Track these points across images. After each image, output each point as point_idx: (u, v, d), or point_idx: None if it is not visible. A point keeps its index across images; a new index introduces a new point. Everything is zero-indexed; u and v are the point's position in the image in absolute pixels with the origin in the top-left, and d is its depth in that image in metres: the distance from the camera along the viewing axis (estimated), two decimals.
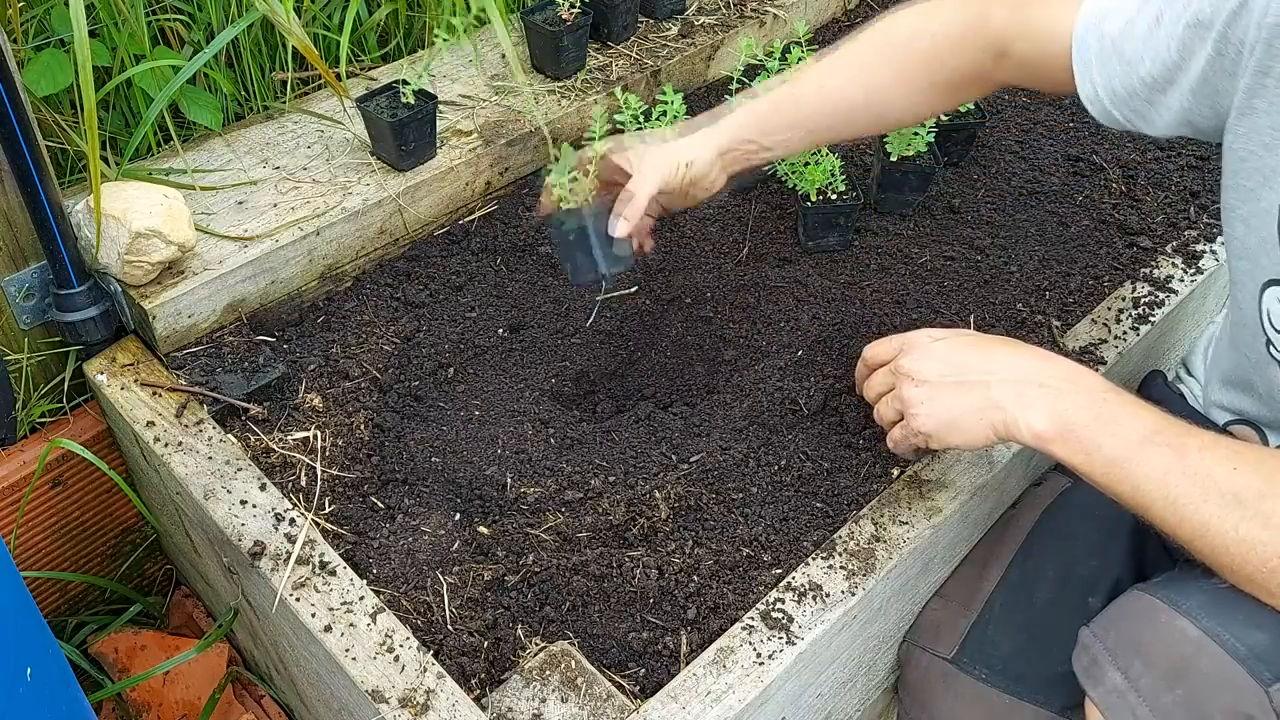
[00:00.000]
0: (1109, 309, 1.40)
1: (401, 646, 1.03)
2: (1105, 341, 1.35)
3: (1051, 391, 1.02)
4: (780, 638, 1.05)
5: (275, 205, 1.44)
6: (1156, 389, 1.36)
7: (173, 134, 1.49)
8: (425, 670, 1.01)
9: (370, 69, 1.72)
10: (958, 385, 1.05)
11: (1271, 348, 1.08)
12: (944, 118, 1.58)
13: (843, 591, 1.09)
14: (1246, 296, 1.08)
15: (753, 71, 1.62)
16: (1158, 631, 0.97)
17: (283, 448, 1.25)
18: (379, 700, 0.99)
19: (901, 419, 1.11)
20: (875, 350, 1.17)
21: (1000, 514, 1.31)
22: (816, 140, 1.35)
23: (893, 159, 1.52)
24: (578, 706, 1.00)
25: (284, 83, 1.65)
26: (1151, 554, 1.22)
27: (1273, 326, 1.06)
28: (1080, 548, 1.22)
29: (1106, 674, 1.00)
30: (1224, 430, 1.25)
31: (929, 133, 1.52)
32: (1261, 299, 1.06)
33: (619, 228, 1.27)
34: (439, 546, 1.17)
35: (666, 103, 1.54)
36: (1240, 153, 1.02)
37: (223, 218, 1.42)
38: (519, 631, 1.09)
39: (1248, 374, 1.15)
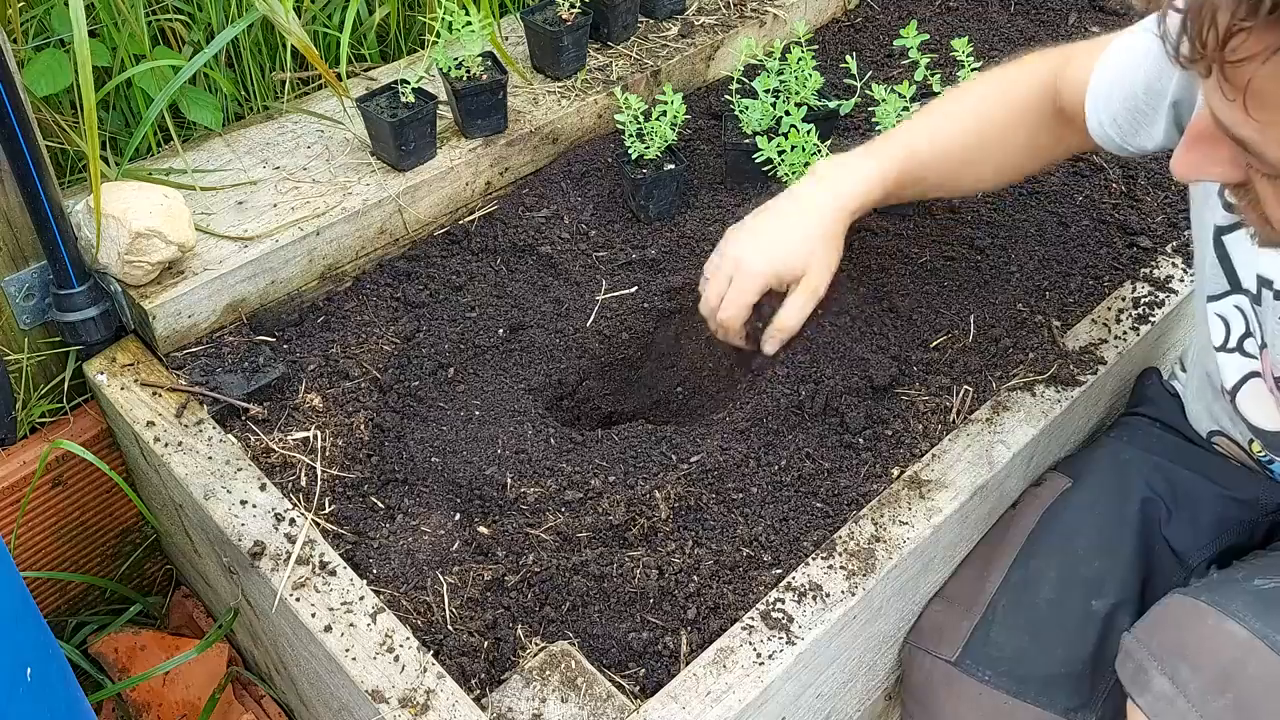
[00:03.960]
0: (1109, 309, 1.40)
1: (401, 646, 1.03)
2: (1105, 341, 1.35)
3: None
4: (780, 638, 1.05)
5: (275, 205, 1.44)
6: (1152, 387, 1.37)
7: (173, 134, 1.49)
8: (425, 670, 1.01)
9: (370, 69, 1.72)
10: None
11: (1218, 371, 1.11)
12: None
13: (843, 591, 1.09)
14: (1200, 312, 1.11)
15: (753, 71, 1.62)
16: (1204, 635, 0.97)
17: (283, 448, 1.25)
18: (379, 700, 0.99)
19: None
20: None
21: (1000, 514, 1.31)
22: (926, 194, 1.36)
23: None
24: (578, 706, 1.00)
25: (284, 83, 1.65)
26: (1159, 557, 1.22)
27: (1214, 342, 1.10)
28: (1082, 548, 1.22)
29: (1153, 680, 0.99)
30: (1208, 440, 1.26)
31: None
32: (1208, 313, 1.09)
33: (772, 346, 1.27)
34: (439, 546, 1.17)
35: (666, 103, 1.54)
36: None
37: (223, 218, 1.42)
38: (519, 631, 1.09)
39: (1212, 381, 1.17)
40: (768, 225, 1.24)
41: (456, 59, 1.54)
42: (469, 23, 1.49)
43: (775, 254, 1.21)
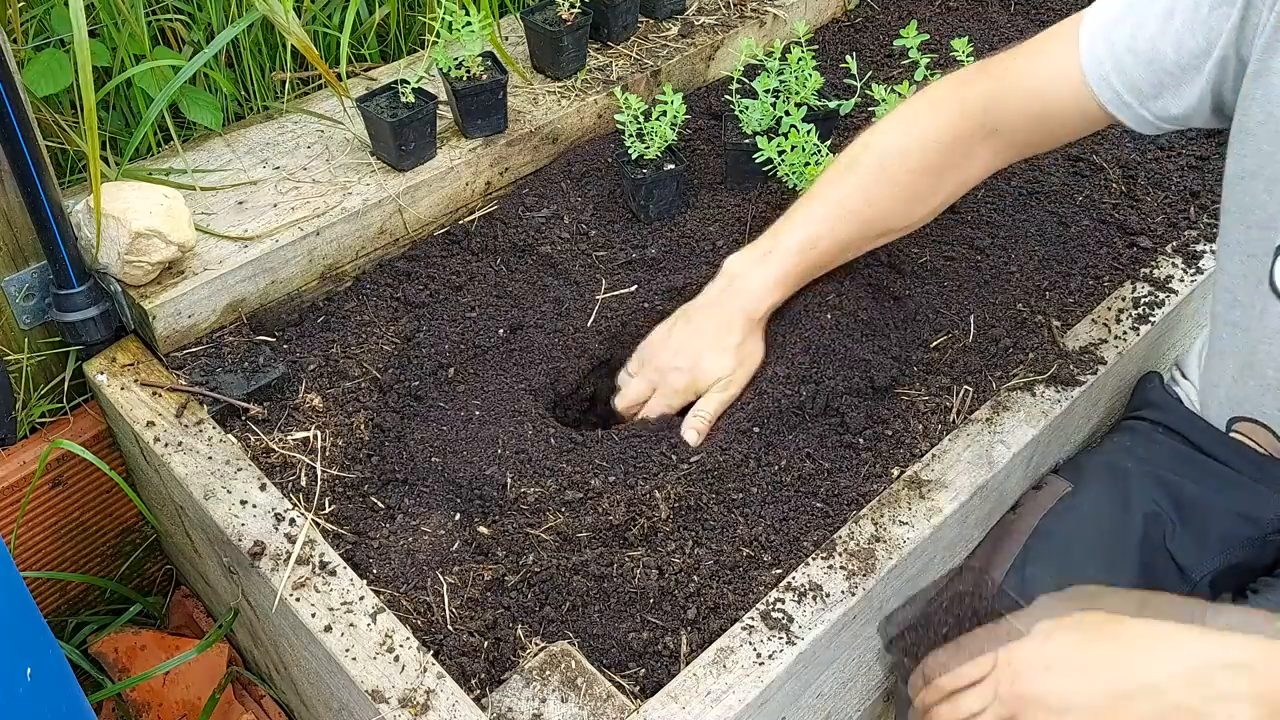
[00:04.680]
0: (1109, 309, 1.40)
1: (401, 646, 1.03)
2: (1105, 341, 1.35)
3: (1242, 669, 0.81)
4: (780, 638, 1.05)
5: (275, 205, 1.44)
6: (1153, 391, 1.36)
7: (173, 134, 1.49)
8: (425, 670, 1.02)
9: (370, 69, 1.72)
10: (1119, 697, 0.82)
11: None
12: None
13: (843, 591, 1.09)
14: (1252, 268, 1.07)
15: (753, 71, 1.62)
16: None
17: (283, 448, 1.25)
18: (379, 700, 0.99)
19: None
20: (956, 672, 0.92)
21: (1000, 514, 1.31)
22: (838, 263, 1.37)
23: None
24: (578, 706, 1.00)
25: (284, 83, 1.65)
26: (1161, 572, 1.22)
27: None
28: (1081, 555, 1.21)
29: None
30: (1229, 430, 1.24)
31: None
32: (1274, 267, 1.05)
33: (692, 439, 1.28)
34: (439, 546, 1.17)
35: (666, 103, 1.54)
36: (1257, 115, 1.03)
37: (223, 218, 1.42)
38: (519, 631, 1.09)
39: (1251, 359, 1.14)
40: (687, 333, 1.33)
41: (456, 59, 1.54)
42: (469, 23, 1.49)
43: (697, 373, 1.30)
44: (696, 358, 1.31)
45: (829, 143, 1.58)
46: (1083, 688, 0.84)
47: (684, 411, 1.31)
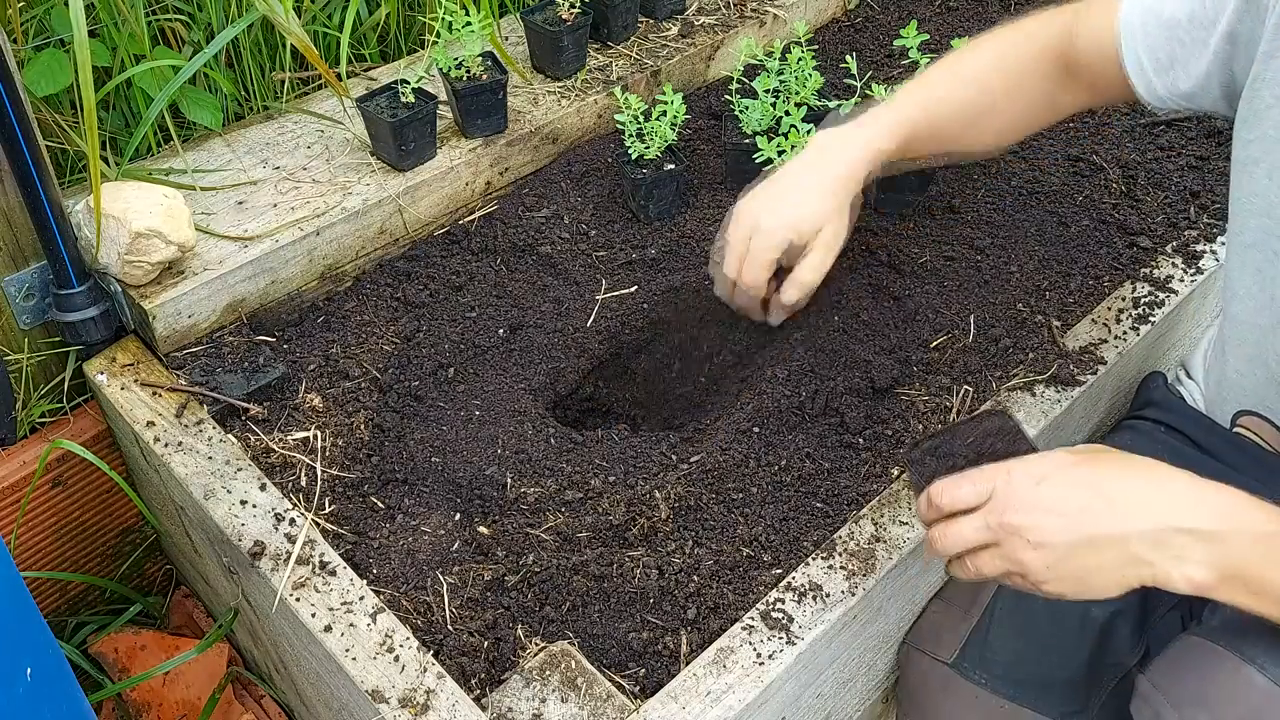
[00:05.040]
0: (1109, 309, 1.40)
1: (401, 646, 1.03)
2: (1105, 341, 1.35)
3: (1205, 538, 0.87)
4: (780, 638, 1.05)
5: (275, 205, 1.44)
6: (1157, 391, 1.36)
7: (173, 134, 1.49)
8: (425, 670, 1.02)
9: (370, 69, 1.72)
10: (1088, 542, 0.90)
11: None
12: None
13: (843, 591, 1.09)
14: (1266, 260, 1.07)
15: (753, 71, 1.62)
16: (1223, 682, 0.95)
17: (283, 448, 1.25)
18: (379, 700, 0.99)
19: (1008, 573, 0.96)
20: (953, 495, 0.97)
21: None
22: (937, 149, 1.33)
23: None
24: (578, 706, 1.00)
25: (284, 83, 1.65)
26: None
27: None
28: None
29: None
30: (1233, 426, 1.24)
31: None
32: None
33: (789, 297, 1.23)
34: (439, 546, 1.17)
35: (666, 103, 1.54)
36: (1266, 99, 1.02)
37: (223, 218, 1.42)
38: (519, 631, 1.09)
39: (1257, 351, 1.14)
40: (779, 189, 1.24)
41: (456, 59, 1.54)
42: (469, 23, 1.49)
43: (791, 214, 1.21)
44: (788, 203, 1.21)
45: None
46: (1059, 527, 0.90)
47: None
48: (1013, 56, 1.26)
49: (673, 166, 1.55)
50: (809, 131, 1.50)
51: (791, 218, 1.21)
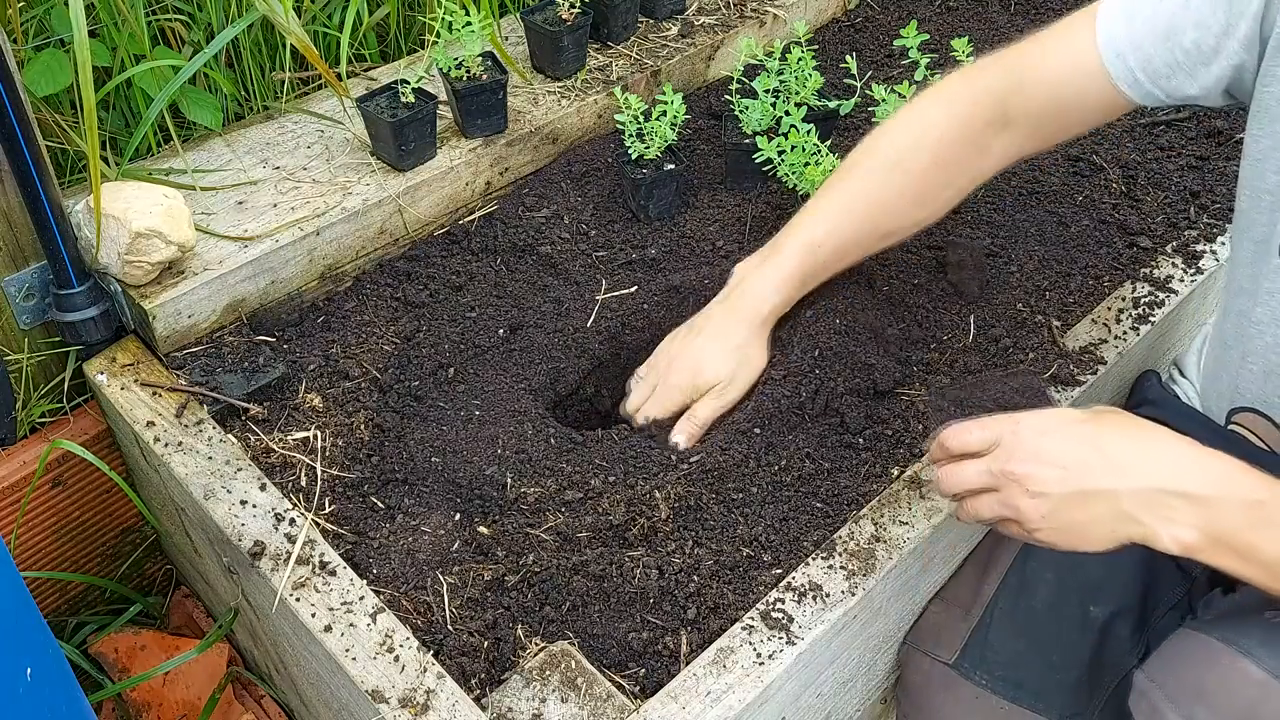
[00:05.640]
0: (1109, 309, 1.40)
1: (401, 646, 1.03)
2: (1105, 341, 1.35)
3: (1195, 501, 0.90)
4: (780, 638, 1.05)
5: (275, 205, 1.44)
6: (1151, 389, 1.36)
7: (173, 134, 1.49)
8: (425, 670, 1.02)
9: (370, 69, 1.72)
10: (1082, 496, 0.94)
11: None
12: None
13: (843, 591, 1.09)
14: (1258, 252, 1.07)
15: (753, 71, 1.62)
16: (1219, 675, 0.95)
17: (283, 448, 1.25)
18: (379, 700, 0.99)
19: (1003, 519, 1.01)
20: (962, 439, 1.01)
21: None
22: (844, 267, 1.35)
23: None
24: (578, 706, 1.00)
25: (284, 83, 1.65)
26: (1161, 566, 1.22)
27: None
28: (1080, 553, 1.22)
29: None
30: (1227, 424, 1.24)
31: None
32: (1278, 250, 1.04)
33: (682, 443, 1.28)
34: (439, 546, 1.17)
35: (666, 103, 1.54)
36: (1277, 94, 1.01)
37: (223, 218, 1.42)
38: (519, 631, 1.09)
39: (1255, 345, 1.13)
40: (696, 338, 1.33)
41: (456, 59, 1.54)
42: (469, 23, 1.49)
43: (698, 370, 1.30)
44: (698, 359, 1.31)
45: (829, 143, 1.58)
46: (1057, 478, 0.94)
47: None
48: (909, 164, 1.25)
49: (673, 166, 1.55)
50: (809, 131, 1.50)
51: (693, 369, 1.31)
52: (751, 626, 1.05)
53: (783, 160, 1.52)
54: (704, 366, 1.30)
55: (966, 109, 1.23)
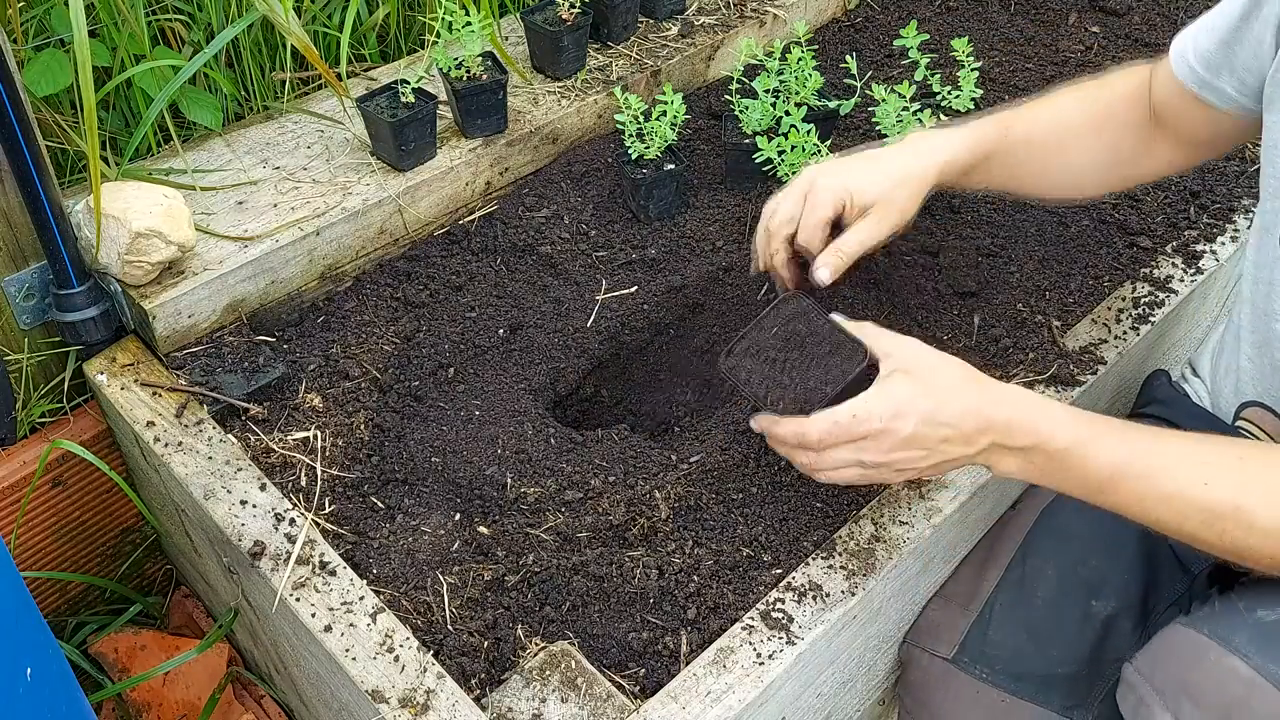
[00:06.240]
0: (1109, 309, 1.40)
1: (401, 646, 1.03)
2: (1105, 341, 1.35)
3: (1015, 453, 1.04)
4: (780, 638, 1.05)
5: (275, 205, 1.44)
6: (1160, 389, 1.36)
7: (173, 134, 1.49)
8: (425, 670, 1.02)
9: (370, 69, 1.73)
10: (941, 464, 1.06)
11: None
12: (942, 116, 1.58)
13: (843, 591, 1.09)
14: (1272, 243, 1.08)
15: (753, 71, 1.62)
16: (1207, 670, 0.96)
17: (283, 448, 1.25)
18: (379, 700, 0.99)
19: (864, 481, 1.10)
20: (831, 437, 1.05)
21: (1000, 513, 1.31)
22: (1014, 180, 1.32)
23: None
24: (578, 706, 1.00)
25: (284, 83, 1.65)
26: (1162, 563, 1.22)
27: None
28: (1080, 548, 1.22)
29: (1155, 716, 0.99)
30: (1235, 420, 1.24)
31: None
32: None
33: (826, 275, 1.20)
34: (439, 546, 1.17)
35: (666, 103, 1.54)
36: None
37: (223, 218, 1.42)
38: (519, 631, 1.09)
39: (1266, 338, 1.14)
40: (849, 158, 1.24)
41: (456, 59, 1.54)
42: (469, 23, 1.49)
43: (852, 176, 1.20)
44: (852, 167, 1.20)
45: (829, 143, 1.58)
46: (921, 457, 1.05)
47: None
48: (1100, 95, 1.28)
49: (673, 166, 1.55)
50: (809, 131, 1.50)
51: (850, 180, 1.19)
52: (751, 626, 1.05)
53: (783, 160, 1.52)
54: (862, 178, 1.19)
55: (1130, 92, 1.26)
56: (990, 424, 1.02)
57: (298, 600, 1.08)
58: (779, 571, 1.12)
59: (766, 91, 1.58)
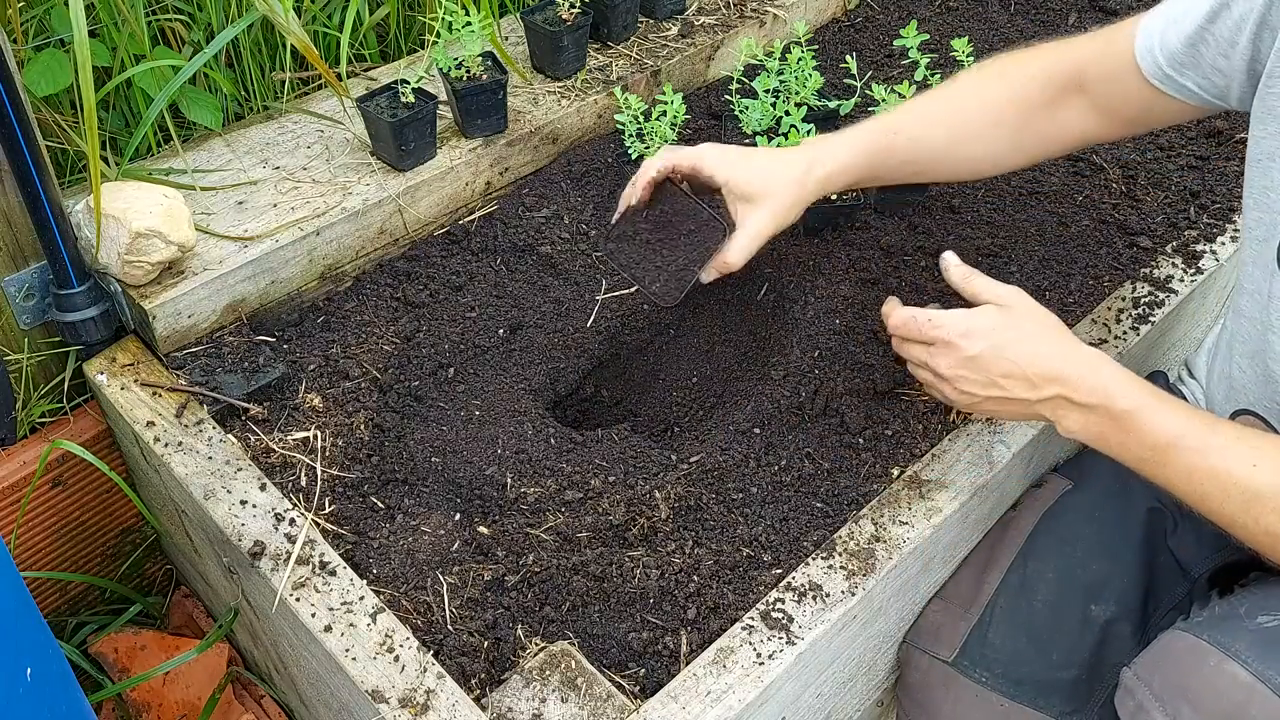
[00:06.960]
0: (1109, 309, 1.40)
1: (401, 646, 1.03)
2: (1105, 341, 1.35)
3: (1080, 409, 1.06)
4: (780, 638, 1.05)
5: (275, 205, 1.44)
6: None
7: (173, 134, 1.49)
8: (425, 670, 1.02)
9: (370, 69, 1.73)
10: (1000, 400, 1.10)
11: None
12: None
13: (843, 591, 1.09)
14: (1262, 253, 1.08)
15: (753, 71, 1.62)
16: (1206, 676, 0.96)
17: (283, 448, 1.25)
18: (379, 700, 0.99)
19: (929, 386, 1.17)
20: (905, 329, 1.14)
21: (1000, 514, 1.31)
22: (915, 176, 1.34)
23: None
24: (578, 706, 1.00)
25: (284, 83, 1.65)
26: (1162, 567, 1.22)
27: None
28: (1081, 551, 1.22)
29: None
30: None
31: None
32: None
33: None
34: (439, 546, 1.17)
35: (666, 103, 1.54)
36: None
37: (223, 218, 1.42)
38: (519, 631, 1.09)
39: (1258, 348, 1.14)
40: (740, 148, 1.27)
41: (456, 59, 1.54)
42: (469, 23, 1.49)
43: (735, 163, 1.23)
44: (740, 154, 1.24)
45: None
46: (982, 383, 1.10)
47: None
48: (995, 87, 1.27)
49: None
50: (809, 131, 1.50)
51: (731, 165, 1.22)
52: (751, 626, 1.05)
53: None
54: (745, 165, 1.22)
55: (1058, 57, 1.25)
56: (1060, 375, 1.05)
57: (298, 600, 1.08)
58: (779, 571, 1.12)
59: (766, 91, 1.58)
